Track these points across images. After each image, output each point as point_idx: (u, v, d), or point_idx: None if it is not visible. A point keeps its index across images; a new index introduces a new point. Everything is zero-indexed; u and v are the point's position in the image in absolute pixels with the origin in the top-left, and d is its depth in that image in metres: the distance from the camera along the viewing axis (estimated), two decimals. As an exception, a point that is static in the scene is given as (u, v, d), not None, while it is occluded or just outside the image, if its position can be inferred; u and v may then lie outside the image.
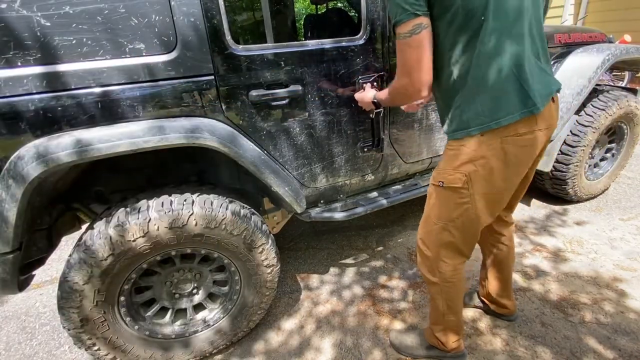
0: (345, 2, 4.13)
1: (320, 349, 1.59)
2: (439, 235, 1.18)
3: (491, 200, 1.09)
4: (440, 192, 1.14)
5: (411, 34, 0.96)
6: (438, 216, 1.16)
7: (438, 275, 1.24)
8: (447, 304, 1.29)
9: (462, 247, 1.19)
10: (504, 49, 0.94)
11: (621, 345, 1.46)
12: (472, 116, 1.00)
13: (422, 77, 1.01)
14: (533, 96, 0.95)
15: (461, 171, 1.05)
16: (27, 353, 1.67)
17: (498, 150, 1.00)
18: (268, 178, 1.40)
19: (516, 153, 1.01)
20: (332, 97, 1.50)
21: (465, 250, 1.21)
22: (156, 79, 1.18)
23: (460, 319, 1.33)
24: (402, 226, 2.51)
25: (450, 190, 1.09)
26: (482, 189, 1.05)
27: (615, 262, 1.95)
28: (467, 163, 1.03)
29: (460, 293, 1.29)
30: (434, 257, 1.22)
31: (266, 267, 1.48)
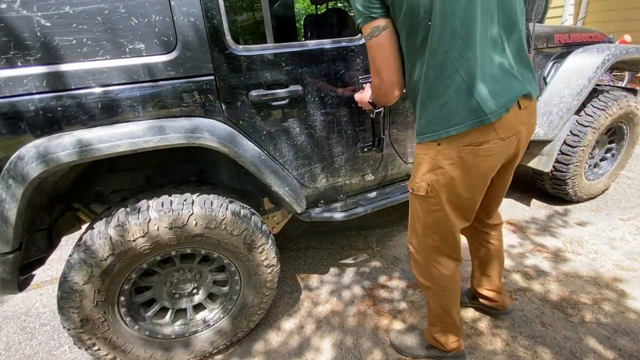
0: (345, 2, 4.12)
1: (320, 349, 1.59)
2: (423, 239, 1.19)
3: (459, 206, 1.09)
4: (413, 199, 1.16)
5: (371, 37, 0.98)
6: (417, 221, 1.17)
7: (430, 279, 1.24)
8: (442, 307, 1.28)
9: (447, 250, 1.19)
10: (453, 55, 0.89)
11: (621, 345, 1.46)
12: (424, 123, 1.00)
13: (391, 77, 1.03)
14: (484, 105, 0.90)
15: (425, 180, 1.05)
16: (27, 353, 1.67)
17: (456, 159, 0.98)
18: (268, 178, 1.40)
19: (475, 163, 0.98)
20: (332, 97, 1.51)
21: (453, 253, 1.21)
22: (156, 79, 1.18)
23: (458, 321, 1.33)
24: (402, 226, 2.51)
25: (420, 198, 1.10)
26: (447, 197, 1.05)
27: (615, 262, 1.95)
28: (429, 172, 1.04)
29: (454, 296, 1.28)
30: (423, 261, 1.22)
31: (266, 267, 1.48)
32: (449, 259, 1.21)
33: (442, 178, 1.02)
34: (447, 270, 1.21)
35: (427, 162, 1.03)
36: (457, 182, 1.02)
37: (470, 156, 0.97)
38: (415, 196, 1.13)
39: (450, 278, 1.23)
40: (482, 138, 0.95)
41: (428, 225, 1.14)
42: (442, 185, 1.03)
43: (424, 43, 0.92)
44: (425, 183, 1.06)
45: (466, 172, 1.00)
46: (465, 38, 0.89)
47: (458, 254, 1.22)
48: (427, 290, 1.29)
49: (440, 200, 1.06)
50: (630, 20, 4.39)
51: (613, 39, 2.71)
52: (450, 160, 0.99)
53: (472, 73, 0.90)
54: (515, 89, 0.96)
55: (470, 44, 0.89)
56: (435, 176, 1.03)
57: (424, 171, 1.05)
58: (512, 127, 0.98)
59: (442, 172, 1.01)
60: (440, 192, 1.05)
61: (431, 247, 1.18)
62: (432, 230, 1.14)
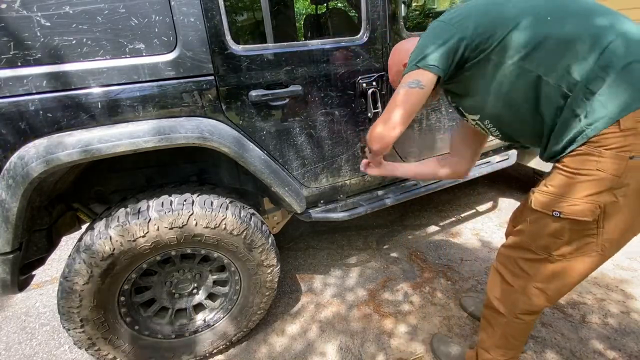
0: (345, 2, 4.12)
1: (321, 349, 1.58)
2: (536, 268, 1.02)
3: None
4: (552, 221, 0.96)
5: (415, 86, 1.00)
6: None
7: (510, 307, 1.09)
8: (508, 339, 1.13)
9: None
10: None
11: (622, 345, 1.46)
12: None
13: (398, 131, 1.10)
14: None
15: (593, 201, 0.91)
16: (27, 353, 1.67)
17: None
18: (268, 178, 1.40)
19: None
20: (332, 97, 1.50)
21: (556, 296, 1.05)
22: (156, 79, 1.18)
23: (518, 356, 1.18)
24: (402, 226, 2.51)
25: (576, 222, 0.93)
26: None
27: (615, 262, 1.95)
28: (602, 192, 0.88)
29: (526, 332, 1.14)
30: (518, 289, 1.06)
31: (266, 267, 1.47)
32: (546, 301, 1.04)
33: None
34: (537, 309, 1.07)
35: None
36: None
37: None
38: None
39: (533, 315, 1.09)
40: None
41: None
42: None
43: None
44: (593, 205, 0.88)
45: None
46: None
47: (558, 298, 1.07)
48: (499, 317, 1.13)
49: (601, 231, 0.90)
50: (630, 20, 4.40)
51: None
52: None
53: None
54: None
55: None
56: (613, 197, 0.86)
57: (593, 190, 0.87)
58: None
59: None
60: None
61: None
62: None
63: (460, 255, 2.13)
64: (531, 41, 0.88)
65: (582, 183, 0.87)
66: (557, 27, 0.87)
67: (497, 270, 1.12)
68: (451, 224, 2.47)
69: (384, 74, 1.56)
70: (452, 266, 2.04)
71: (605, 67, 0.81)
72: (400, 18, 1.55)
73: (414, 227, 2.48)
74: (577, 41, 0.85)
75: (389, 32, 1.53)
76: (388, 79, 1.56)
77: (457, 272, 1.98)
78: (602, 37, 0.83)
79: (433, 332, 1.61)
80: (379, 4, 1.47)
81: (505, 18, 0.91)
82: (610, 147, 0.82)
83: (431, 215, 2.59)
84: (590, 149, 0.85)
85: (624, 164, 0.81)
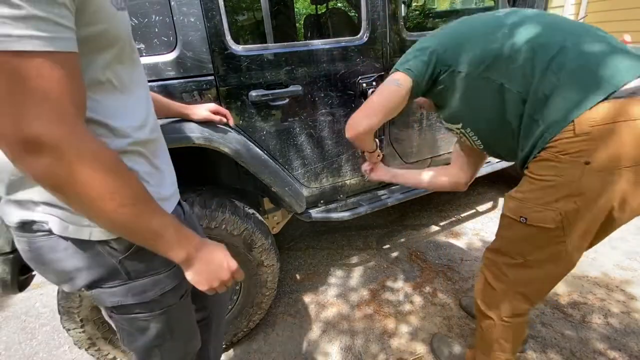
0: (345, 2, 4.12)
1: (321, 348, 1.58)
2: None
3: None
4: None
5: (396, 85, 1.06)
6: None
7: (496, 310, 1.10)
8: (500, 342, 1.14)
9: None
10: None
11: (622, 345, 1.46)
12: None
13: (375, 121, 1.11)
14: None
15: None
16: (27, 353, 1.67)
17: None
18: (268, 178, 1.40)
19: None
20: (332, 97, 1.50)
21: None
22: (156, 79, 1.18)
23: (513, 357, 1.17)
24: (402, 226, 2.51)
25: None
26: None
27: (615, 262, 1.95)
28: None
29: (517, 333, 1.14)
30: (500, 293, 1.08)
31: (266, 267, 1.47)
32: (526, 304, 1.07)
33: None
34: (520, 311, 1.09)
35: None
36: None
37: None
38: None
39: (522, 317, 1.11)
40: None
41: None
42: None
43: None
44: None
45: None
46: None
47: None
48: (487, 321, 1.15)
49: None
50: (630, 20, 4.39)
51: (613, 39, 2.70)
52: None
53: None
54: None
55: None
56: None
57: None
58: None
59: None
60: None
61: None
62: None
63: (460, 255, 2.13)
64: (492, 53, 0.93)
65: (543, 189, 0.88)
66: (515, 38, 0.91)
67: (483, 274, 1.14)
68: (451, 224, 2.47)
69: (384, 74, 1.56)
70: (452, 266, 2.04)
71: (557, 72, 0.84)
72: (400, 18, 1.55)
73: (414, 227, 2.48)
74: (531, 50, 0.88)
75: (389, 32, 1.53)
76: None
77: (457, 272, 1.98)
78: (554, 44, 0.86)
79: (433, 332, 1.61)
80: (379, 4, 1.47)
81: (470, 34, 0.99)
82: (567, 152, 0.83)
83: (431, 215, 2.59)
84: (549, 155, 0.86)
85: (580, 169, 0.82)
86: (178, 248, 0.59)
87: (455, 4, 3.91)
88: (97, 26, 0.51)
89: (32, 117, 0.43)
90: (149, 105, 0.68)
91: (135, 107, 0.63)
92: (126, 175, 0.53)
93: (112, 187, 0.50)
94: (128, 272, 0.65)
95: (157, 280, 0.68)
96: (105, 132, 0.56)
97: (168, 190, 0.71)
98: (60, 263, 0.62)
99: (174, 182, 0.75)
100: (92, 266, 0.63)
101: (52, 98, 0.44)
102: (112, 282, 0.65)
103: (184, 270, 0.64)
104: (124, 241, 0.62)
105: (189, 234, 0.61)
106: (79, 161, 0.47)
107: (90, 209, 0.51)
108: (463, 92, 1.01)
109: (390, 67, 1.55)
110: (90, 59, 0.53)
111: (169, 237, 0.58)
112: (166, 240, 0.58)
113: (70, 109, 0.46)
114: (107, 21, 0.52)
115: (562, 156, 0.84)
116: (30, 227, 0.59)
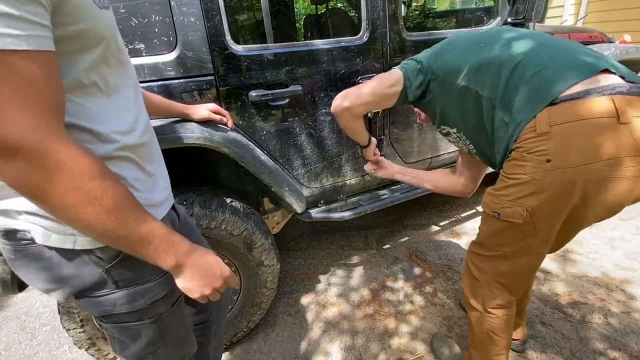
0: (345, 2, 4.12)
1: (321, 348, 1.58)
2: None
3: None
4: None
5: (392, 85, 1.15)
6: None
7: (481, 302, 1.14)
8: (489, 334, 1.16)
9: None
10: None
11: (622, 345, 1.46)
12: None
13: (361, 107, 1.19)
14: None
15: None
16: (27, 353, 1.67)
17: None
18: (268, 178, 1.40)
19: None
20: (332, 97, 1.50)
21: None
22: (156, 79, 1.18)
23: (505, 353, 1.19)
24: (402, 226, 2.51)
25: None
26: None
27: (615, 262, 1.95)
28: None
29: (505, 327, 1.15)
30: (483, 284, 1.12)
31: (266, 267, 1.47)
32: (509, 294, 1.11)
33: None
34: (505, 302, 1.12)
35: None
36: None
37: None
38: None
39: (508, 310, 1.13)
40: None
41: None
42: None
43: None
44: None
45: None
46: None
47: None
48: (474, 312, 1.18)
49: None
50: (630, 20, 4.39)
51: (613, 39, 2.70)
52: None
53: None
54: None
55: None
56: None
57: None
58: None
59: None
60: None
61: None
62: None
63: (460, 255, 2.13)
64: (466, 64, 1.02)
65: (512, 187, 0.94)
66: (486, 52, 1.00)
67: (467, 266, 1.18)
68: (451, 224, 2.47)
69: (384, 74, 1.56)
70: (452, 266, 2.04)
71: (519, 77, 0.92)
72: (400, 18, 1.55)
73: (414, 227, 2.48)
74: (497, 61, 0.96)
75: (389, 32, 1.53)
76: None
77: (457, 272, 1.98)
78: (517, 54, 0.94)
79: (433, 331, 1.61)
80: (379, 4, 1.47)
81: (454, 48, 1.08)
82: (531, 151, 0.88)
83: (431, 215, 2.60)
84: (518, 154, 0.92)
85: (542, 167, 0.86)
86: (166, 255, 0.57)
87: (455, 4, 3.91)
88: (76, 25, 0.49)
89: (6, 119, 0.40)
90: (138, 107, 0.66)
91: (123, 110, 0.60)
92: (110, 181, 0.50)
93: (94, 193, 0.47)
94: (116, 281, 0.64)
95: (147, 289, 0.67)
96: (90, 137, 0.54)
97: (159, 195, 0.69)
98: (45, 272, 0.60)
99: (166, 187, 0.74)
100: (79, 275, 0.61)
101: (28, 99, 0.42)
102: (99, 291, 0.64)
103: (175, 277, 0.62)
104: (109, 250, 0.60)
105: (178, 240, 0.59)
106: (56, 166, 0.44)
107: (71, 217, 0.48)
108: (451, 100, 1.08)
109: (390, 67, 1.57)
110: (71, 60, 0.51)
111: (157, 244, 0.55)
112: (154, 247, 0.55)
113: (47, 111, 0.44)
114: (88, 20, 0.50)
115: (527, 155, 0.89)
116: (14, 235, 0.58)
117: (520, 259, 1.02)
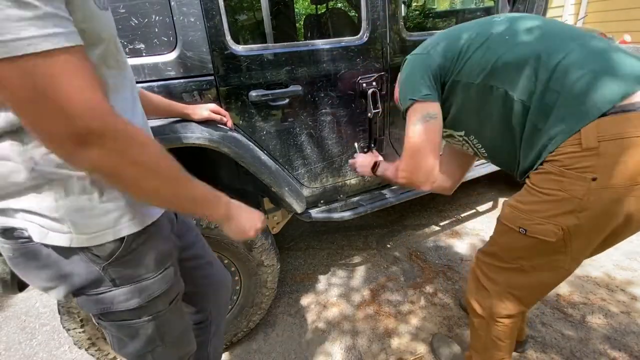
0: (345, 2, 4.12)
1: (321, 348, 1.58)
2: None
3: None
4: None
5: (425, 120, 1.03)
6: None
7: (488, 311, 1.08)
8: (494, 341, 1.12)
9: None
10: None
11: (622, 345, 1.46)
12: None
13: (434, 165, 1.08)
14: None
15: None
16: (27, 353, 1.67)
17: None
18: (268, 178, 1.40)
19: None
20: (332, 97, 1.50)
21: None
22: (156, 79, 1.18)
23: (508, 357, 1.17)
24: (402, 226, 2.51)
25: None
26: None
27: (615, 262, 1.95)
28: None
29: (510, 333, 1.11)
30: (493, 294, 1.06)
31: (266, 267, 1.47)
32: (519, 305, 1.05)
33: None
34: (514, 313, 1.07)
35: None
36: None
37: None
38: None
39: (514, 319, 1.09)
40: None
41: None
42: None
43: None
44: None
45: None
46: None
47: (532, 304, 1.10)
48: (478, 319, 1.14)
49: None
50: (630, 20, 4.39)
51: (613, 39, 2.70)
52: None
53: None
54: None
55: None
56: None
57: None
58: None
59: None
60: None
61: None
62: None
63: (460, 255, 2.13)
64: (492, 59, 0.92)
65: (545, 203, 0.86)
66: (514, 45, 0.89)
67: (475, 274, 1.12)
68: (451, 224, 2.47)
69: (384, 74, 1.56)
70: (452, 266, 2.04)
71: (560, 80, 0.82)
72: (400, 18, 1.55)
73: (414, 227, 2.48)
74: (532, 57, 0.86)
75: (389, 32, 1.53)
76: (388, 79, 1.57)
77: (457, 272, 1.98)
78: (557, 52, 0.84)
79: (433, 332, 1.61)
80: (379, 4, 1.47)
81: (468, 40, 0.97)
82: (573, 167, 0.80)
83: (431, 215, 2.60)
84: (553, 168, 0.83)
85: (586, 185, 0.79)
86: (218, 207, 0.65)
87: (455, 4, 3.91)
88: (78, 25, 0.50)
89: (74, 111, 0.44)
90: (135, 108, 0.66)
91: (121, 111, 0.60)
92: (160, 149, 0.55)
93: (155, 163, 0.53)
94: (113, 279, 0.64)
95: (144, 286, 0.68)
96: None
97: None
98: (43, 270, 0.61)
99: None
100: (76, 273, 0.62)
101: (85, 90, 0.45)
102: (96, 289, 0.64)
103: (224, 225, 0.69)
104: (106, 248, 0.61)
105: (219, 193, 0.66)
106: (125, 145, 0.49)
107: (141, 188, 0.53)
108: (468, 100, 1.00)
109: (390, 67, 1.57)
110: None
111: (210, 199, 0.64)
112: (209, 201, 0.64)
113: (102, 97, 0.47)
114: (89, 20, 0.51)
115: (567, 171, 0.80)
116: (12, 233, 0.58)
117: (542, 273, 0.95)
